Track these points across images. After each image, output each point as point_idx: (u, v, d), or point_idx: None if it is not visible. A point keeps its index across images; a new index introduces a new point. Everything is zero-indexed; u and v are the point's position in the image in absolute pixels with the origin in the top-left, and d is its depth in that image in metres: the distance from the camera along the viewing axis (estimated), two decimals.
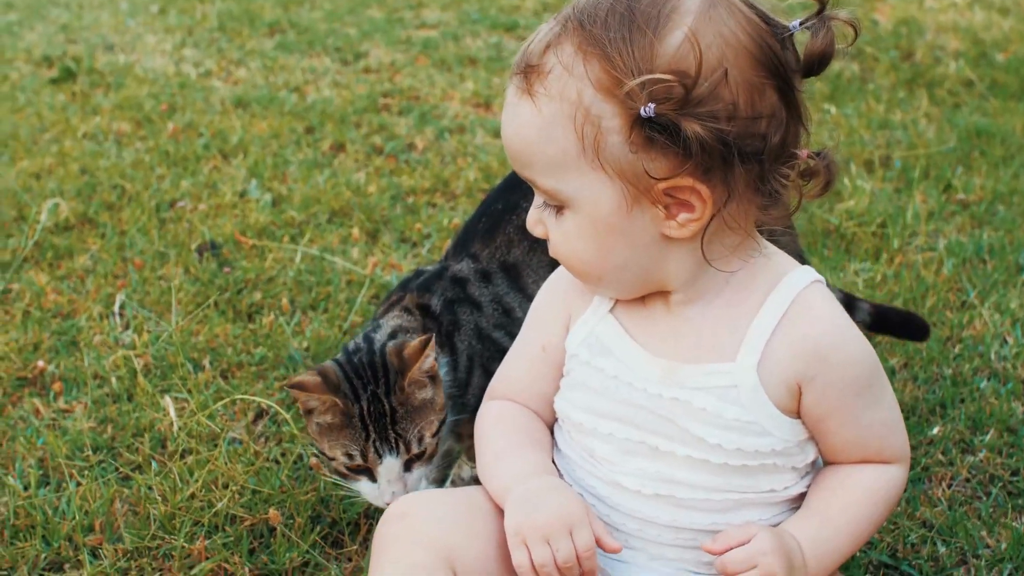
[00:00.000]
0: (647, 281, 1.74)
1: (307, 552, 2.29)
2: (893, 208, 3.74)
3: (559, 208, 1.69)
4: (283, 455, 2.59)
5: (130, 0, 6.66)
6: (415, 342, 2.23)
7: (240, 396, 2.75)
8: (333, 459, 2.23)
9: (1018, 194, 3.89)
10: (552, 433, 1.94)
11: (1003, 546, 2.29)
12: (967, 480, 2.51)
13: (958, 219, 3.73)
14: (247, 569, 2.25)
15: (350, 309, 3.17)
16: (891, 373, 2.82)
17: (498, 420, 1.92)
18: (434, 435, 2.24)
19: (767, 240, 1.79)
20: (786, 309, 1.72)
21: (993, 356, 2.92)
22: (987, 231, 3.63)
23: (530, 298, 2.01)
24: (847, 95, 4.95)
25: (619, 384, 1.78)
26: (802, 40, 1.65)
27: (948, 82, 5.13)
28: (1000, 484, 2.49)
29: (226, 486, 2.46)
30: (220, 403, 2.72)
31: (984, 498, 2.45)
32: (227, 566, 2.27)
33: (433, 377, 2.26)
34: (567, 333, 1.86)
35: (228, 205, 3.89)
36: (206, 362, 2.94)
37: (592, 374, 1.81)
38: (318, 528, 2.37)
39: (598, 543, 1.71)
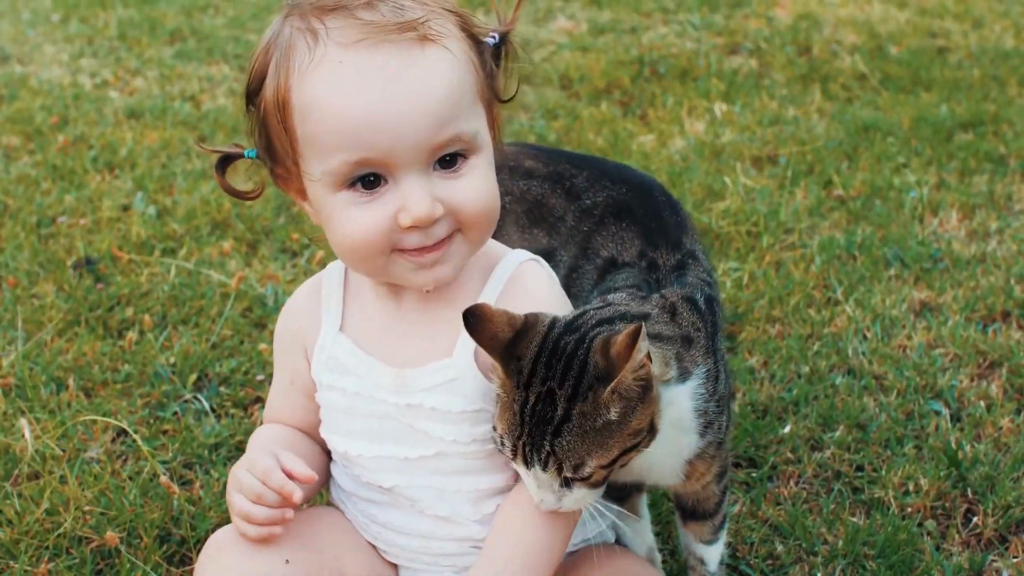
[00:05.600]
0: None
1: (150, 573, 2.28)
2: (769, 206, 3.77)
3: (464, 157, 1.66)
4: (138, 474, 2.57)
5: (32, 9, 6.59)
6: (622, 335, 1.63)
7: (90, 417, 2.73)
8: (495, 429, 1.74)
9: (895, 189, 3.92)
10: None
11: (840, 543, 2.31)
12: (814, 477, 2.53)
13: (835, 215, 3.76)
14: None
15: (220, 323, 3.16)
16: (749, 372, 2.85)
17: (261, 433, 1.95)
18: (607, 464, 1.70)
19: None
20: (500, 291, 1.78)
21: (851, 352, 2.94)
22: (862, 226, 3.66)
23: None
24: (741, 92, 4.98)
25: (362, 400, 1.81)
26: None
27: (842, 76, 5.18)
28: (844, 480, 2.51)
29: (77, 508, 2.45)
30: (72, 422, 2.70)
31: (826, 495, 2.47)
32: None
33: (646, 385, 1.69)
34: (309, 364, 1.87)
35: (111, 220, 3.85)
36: (71, 381, 2.92)
37: (338, 396, 1.84)
38: (165, 547, 2.36)
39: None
